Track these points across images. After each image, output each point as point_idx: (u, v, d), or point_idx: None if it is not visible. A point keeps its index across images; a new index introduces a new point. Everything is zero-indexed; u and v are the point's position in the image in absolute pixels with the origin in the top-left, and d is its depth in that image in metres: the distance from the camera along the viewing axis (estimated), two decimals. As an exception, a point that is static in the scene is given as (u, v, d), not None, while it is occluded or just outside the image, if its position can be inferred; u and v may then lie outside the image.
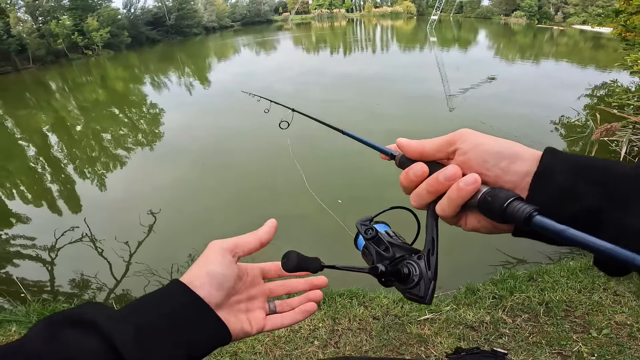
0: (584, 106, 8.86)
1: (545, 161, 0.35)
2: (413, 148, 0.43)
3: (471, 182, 0.36)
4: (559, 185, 0.34)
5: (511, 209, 0.33)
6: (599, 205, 0.32)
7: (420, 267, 0.40)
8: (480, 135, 0.40)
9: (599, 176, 0.33)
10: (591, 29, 20.76)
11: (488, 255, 3.62)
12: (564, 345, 1.90)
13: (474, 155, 0.38)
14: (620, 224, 0.31)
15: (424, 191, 0.40)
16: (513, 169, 0.37)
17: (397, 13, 61.54)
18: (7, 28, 26.61)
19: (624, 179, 0.32)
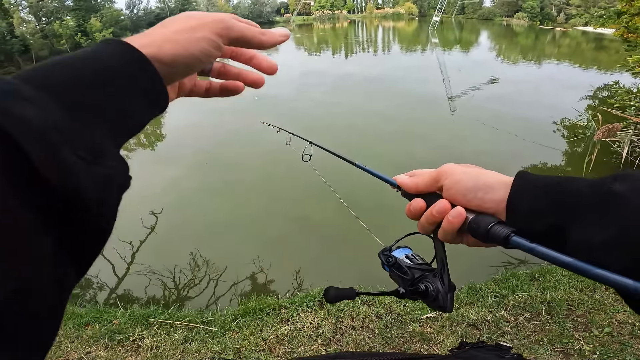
0: (586, 107, 8.86)
1: (515, 188, 0.42)
2: (409, 186, 0.51)
3: (457, 215, 0.45)
4: (526, 208, 0.40)
5: (492, 232, 0.41)
6: (560, 221, 0.37)
7: (436, 284, 0.49)
8: (457, 172, 0.47)
9: (559, 195, 0.38)
10: (593, 30, 20.75)
11: (490, 256, 3.63)
12: (566, 343, 1.92)
13: (455, 191, 0.46)
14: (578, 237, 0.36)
15: (425, 223, 0.49)
16: (489, 198, 0.44)
17: (399, 14, 61.58)
18: (10, 28, 26.79)
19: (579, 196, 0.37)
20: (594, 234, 0.34)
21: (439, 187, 0.48)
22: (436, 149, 6.85)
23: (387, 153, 6.82)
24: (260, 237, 4.53)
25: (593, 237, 0.34)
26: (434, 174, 0.48)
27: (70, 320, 2.46)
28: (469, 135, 7.54)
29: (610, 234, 0.33)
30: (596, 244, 0.34)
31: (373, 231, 4.40)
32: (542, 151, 6.42)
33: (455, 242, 0.48)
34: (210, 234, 4.81)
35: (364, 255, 3.32)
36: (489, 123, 7.85)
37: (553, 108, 8.86)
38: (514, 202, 0.41)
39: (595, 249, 0.34)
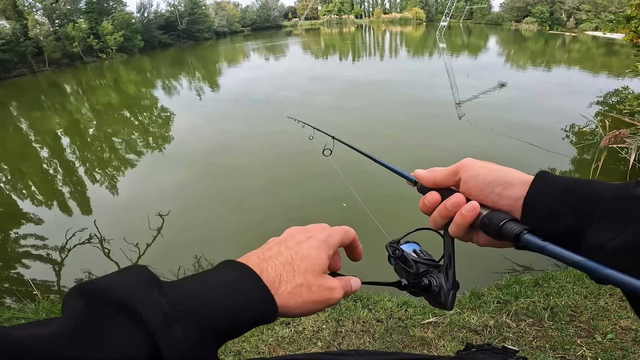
0: (595, 113, 8.76)
1: (534, 187, 0.41)
2: (427, 179, 0.51)
3: (470, 209, 0.44)
4: (544, 209, 0.40)
5: (505, 228, 0.40)
6: (577, 224, 0.37)
7: (440, 280, 0.48)
8: (477, 166, 0.47)
9: (579, 198, 0.38)
10: (603, 35, 20.58)
11: (494, 262, 3.60)
12: (568, 349, 1.89)
13: (472, 185, 0.46)
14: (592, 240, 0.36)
15: (437, 217, 0.48)
16: (506, 194, 0.43)
17: (406, 19, 61.62)
18: (24, 31, 27.32)
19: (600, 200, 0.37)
20: (609, 237, 0.34)
21: (457, 180, 0.48)
22: (442, 154, 6.81)
23: (392, 158, 6.81)
24: (265, 240, 4.54)
25: (608, 240, 0.34)
26: (453, 167, 0.49)
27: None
28: (476, 141, 7.50)
29: (628, 238, 0.33)
30: (612, 247, 0.34)
31: (383, 231, 4.40)
32: (550, 157, 6.36)
33: (465, 239, 0.48)
34: (216, 236, 4.83)
35: (369, 261, 3.31)
36: (496, 129, 7.80)
37: (562, 114, 8.77)
38: (532, 201, 0.41)
39: (609, 252, 0.34)
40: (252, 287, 0.36)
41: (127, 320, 0.28)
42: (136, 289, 0.30)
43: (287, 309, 0.39)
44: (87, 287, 0.30)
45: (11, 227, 5.72)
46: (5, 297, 3.89)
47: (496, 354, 0.73)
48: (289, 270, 0.40)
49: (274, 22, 63.28)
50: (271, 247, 0.44)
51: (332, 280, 0.43)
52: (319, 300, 0.41)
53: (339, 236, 0.47)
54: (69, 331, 0.27)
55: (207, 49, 38.70)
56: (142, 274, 0.32)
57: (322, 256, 0.44)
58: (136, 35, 34.88)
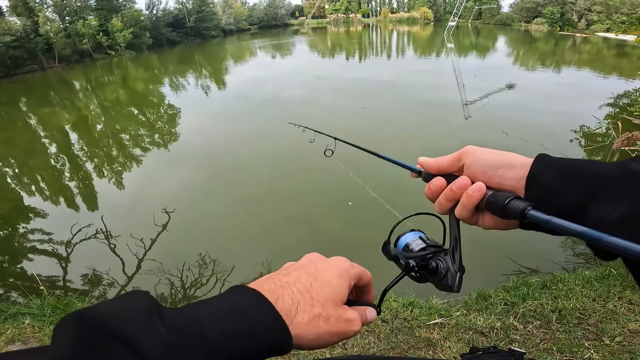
0: (606, 115, 8.65)
1: (534, 167, 0.43)
2: (431, 165, 0.53)
3: (477, 190, 0.45)
4: (545, 186, 0.41)
5: (510, 206, 0.42)
6: (579, 199, 0.39)
7: (447, 262, 0.47)
8: (479, 151, 0.48)
9: (578, 175, 0.40)
10: (615, 36, 20.27)
11: (501, 264, 3.58)
12: (575, 352, 1.87)
13: (476, 169, 0.47)
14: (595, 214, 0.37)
15: (443, 200, 0.50)
16: (509, 175, 0.45)
17: (414, 19, 61.29)
18: (35, 27, 27.59)
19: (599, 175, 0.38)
20: (611, 210, 0.36)
21: (460, 166, 0.50)
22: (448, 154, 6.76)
23: (398, 157, 6.77)
24: (269, 238, 4.55)
25: (610, 213, 0.36)
26: (456, 154, 0.50)
27: (77, 316, 2.50)
28: (483, 142, 7.33)
29: (627, 209, 0.35)
30: (613, 219, 0.35)
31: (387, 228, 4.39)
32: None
33: (471, 222, 0.49)
34: (221, 233, 4.85)
35: (372, 259, 3.29)
36: (504, 130, 7.73)
37: (571, 115, 8.68)
38: (533, 179, 0.42)
39: (612, 224, 0.35)
40: (263, 316, 0.34)
41: (123, 353, 0.26)
42: (134, 318, 0.28)
43: (302, 340, 0.37)
44: (81, 314, 0.28)
45: (18, 221, 5.79)
46: (11, 292, 3.93)
47: (503, 357, 0.72)
48: (307, 299, 0.39)
49: (281, 21, 63.29)
50: (289, 273, 0.42)
51: (350, 312, 0.42)
52: (336, 333, 0.40)
53: (359, 271, 0.46)
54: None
55: (215, 46, 38.85)
56: (142, 301, 0.30)
57: (344, 285, 0.42)
58: (145, 33, 35.08)
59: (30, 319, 2.48)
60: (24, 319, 2.49)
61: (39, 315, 2.54)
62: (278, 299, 0.36)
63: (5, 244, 5.22)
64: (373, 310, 0.46)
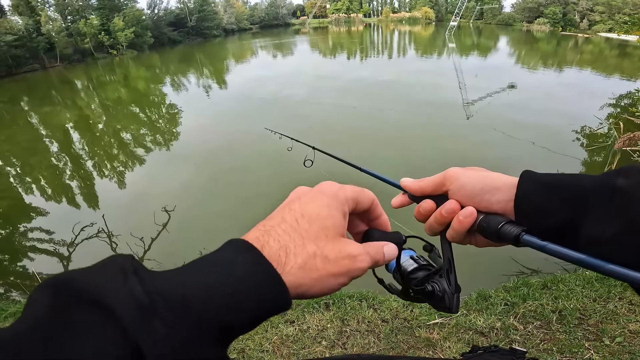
0: (607, 115, 8.63)
1: (521, 188, 0.42)
2: (414, 188, 0.51)
3: (468, 215, 0.44)
4: (534, 207, 0.41)
5: (503, 231, 0.41)
6: (569, 218, 0.38)
7: (442, 285, 0.47)
8: (462, 177, 0.46)
9: (564, 193, 0.39)
10: (617, 36, 20.22)
11: (501, 264, 3.57)
12: (575, 352, 1.87)
13: (461, 195, 0.46)
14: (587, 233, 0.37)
15: (434, 223, 0.48)
16: (496, 199, 0.44)
17: (415, 19, 61.25)
18: (37, 26, 27.65)
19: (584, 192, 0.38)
20: (602, 229, 0.35)
21: (444, 191, 0.48)
22: (450, 155, 6.76)
23: (399, 157, 6.78)
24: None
25: (602, 232, 0.35)
26: (438, 178, 0.48)
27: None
28: (485, 142, 7.42)
29: (618, 228, 0.34)
30: (605, 239, 0.35)
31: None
32: (561, 160, 6.27)
33: (464, 243, 0.48)
34: (220, 233, 4.85)
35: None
36: (505, 130, 7.71)
37: (573, 116, 8.65)
38: (521, 202, 0.42)
39: (605, 243, 0.35)
40: (251, 268, 0.30)
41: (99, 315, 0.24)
42: (110, 279, 0.26)
43: (301, 288, 0.32)
44: (54, 280, 0.26)
45: (19, 220, 5.80)
46: (11, 291, 3.94)
47: (504, 356, 0.71)
48: (296, 238, 0.33)
49: (282, 20, 63.31)
50: (273, 216, 0.36)
51: (353, 246, 0.35)
52: (339, 273, 0.34)
53: (351, 192, 0.39)
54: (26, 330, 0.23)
55: (216, 46, 38.88)
56: (118, 262, 0.27)
57: (335, 215, 0.36)
58: (146, 32, 35.15)
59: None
60: (25, 318, 2.49)
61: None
62: (264, 246, 0.32)
63: (6, 243, 5.23)
64: (393, 246, 0.40)
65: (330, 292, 0.34)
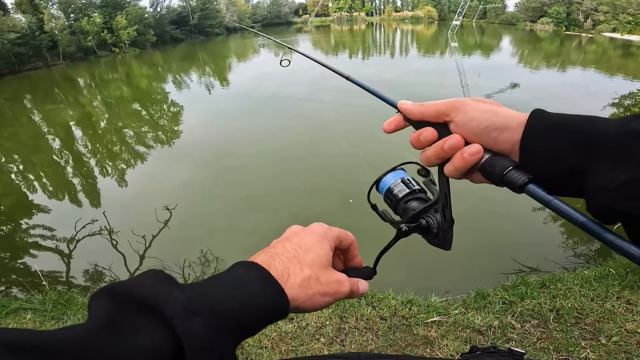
0: (610, 115, 8.60)
1: (529, 126, 0.39)
2: (414, 112, 0.47)
3: (474, 153, 0.42)
4: (544, 150, 0.38)
5: (508, 177, 0.39)
6: (580, 163, 0.35)
7: (437, 219, 0.46)
8: (471, 109, 0.43)
9: (580, 136, 0.36)
10: (621, 36, 20.14)
11: (500, 263, 3.58)
12: (572, 351, 1.87)
13: (466, 130, 0.43)
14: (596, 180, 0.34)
15: (432, 156, 0.45)
16: (503, 138, 0.41)
17: (418, 18, 61.07)
18: (40, 24, 27.69)
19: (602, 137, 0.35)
20: (613, 176, 0.33)
21: (447, 120, 0.44)
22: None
23: (400, 157, 6.77)
24: (271, 237, 4.55)
25: (612, 179, 0.33)
26: (443, 106, 0.44)
27: (79, 311, 2.50)
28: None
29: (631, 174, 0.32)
30: (613, 186, 0.32)
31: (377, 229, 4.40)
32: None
33: (459, 178, 0.45)
34: (222, 231, 4.87)
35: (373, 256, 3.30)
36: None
37: (574, 115, 8.62)
38: (528, 143, 0.39)
39: (612, 191, 0.32)
40: (261, 282, 0.37)
41: (150, 316, 0.30)
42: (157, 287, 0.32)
43: (297, 302, 0.39)
44: (112, 288, 0.32)
45: (22, 217, 5.83)
46: (12, 288, 3.96)
47: (503, 357, 0.72)
48: (296, 264, 0.41)
49: (285, 19, 63.24)
50: (275, 245, 0.45)
51: (338, 274, 0.44)
52: (328, 292, 0.42)
53: (337, 232, 0.48)
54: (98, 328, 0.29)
55: (218, 44, 38.87)
56: (161, 274, 0.35)
57: (325, 248, 0.44)
58: (149, 30, 35.13)
59: (32, 314, 2.49)
60: (26, 314, 2.49)
61: (41, 310, 2.54)
62: (270, 267, 0.39)
63: (8, 240, 5.26)
64: (365, 283, 0.48)
65: (319, 308, 0.42)
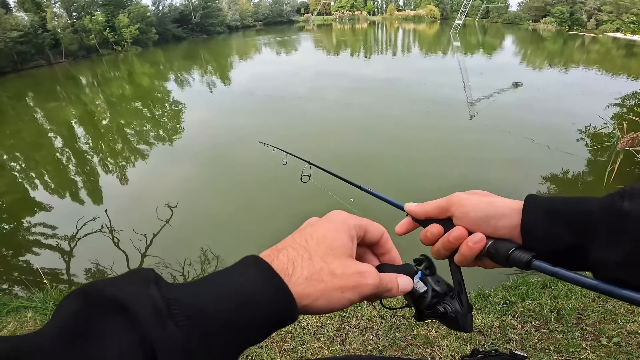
0: (613, 115, 8.57)
1: (527, 214, 0.43)
2: (419, 212, 0.51)
3: (477, 241, 0.45)
4: (541, 233, 0.41)
5: (513, 257, 0.42)
6: (574, 241, 0.39)
7: (455, 306, 0.48)
8: (467, 203, 0.46)
9: (570, 217, 0.40)
10: (624, 36, 20.06)
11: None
12: (572, 352, 1.87)
13: (467, 222, 0.46)
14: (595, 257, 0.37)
15: (441, 249, 0.48)
16: (502, 225, 0.44)
17: (420, 17, 60.91)
18: (42, 23, 27.75)
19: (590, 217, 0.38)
20: (609, 254, 0.36)
21: (449, 215, 0.48)
22: (454, 154, 6.73)
23: (402, 157, 6.76)
24: (271, 235, 4.56)
25: (609, 257, 0.36)
26: (443, 203, 0.48)
27: (80, 311, 2.51)
28: (488, 141, 7.39)
29: (625, 253, 0.35)
30: (613, 263, 0.35)
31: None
32: (564, 159, 6.25)
33: (472, 266, 0.48)
34: (223, 230, 4.87)
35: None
36: (509, 129, 7.68)
37: (577, 115, 8.59)
38: (528, 228, 0.42)
39: (613, 268, 0.35)
40: (260, 277, 0.32)
41: (121, 319, 0.26)
42: (130, 286, 0.28)
43: (307, 300, 0.34)
44: (82, 288, 0.28)
45: (23, 215, 5.85)
46: (14, 286, 3.97)
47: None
48: (304, 255, 0.36)
49: (286, 17, 63.18)
50: (285, 239, 0.40)
51: (360, 264, 0.38)
52: (346, 286, 0.35)
53: (360, 221, 0.42)
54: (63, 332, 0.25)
55: (220, 43, 38.87)
56: (142, 273, 0.30)
57: (343, 237, 0.39)
58: (151, 29, 35.17)
59: (33, 313, 2.48)
60: (26, 313, 2.49)
61: (41, 308, 2.53)
62: (273, 260, 0.35)
63: (10, 238, 5.28)
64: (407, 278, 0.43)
65: (338, 307, 0.36)
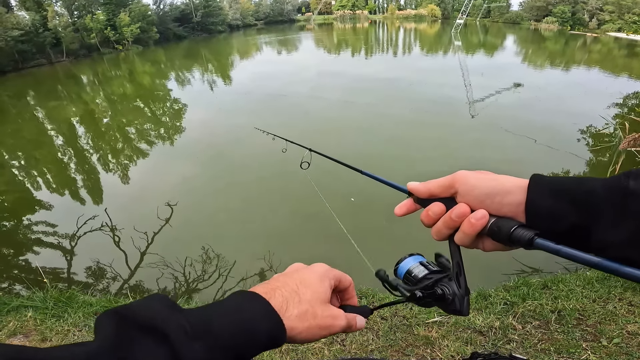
0: (614, 115, 8.55)
1: (532, 191, 0.42)
2: (422, 190, 0.51)
3: (480, 218, 0.44)
4: (546, 210, 0.41)
5: (516, 235, 0.41)
6: (580, 221, 0.39)
7: (452, 287, 0.48)
8: (472, 178, 0.47)
9: (575, 196, 0.39)
10: (626, 36, 19.99)
11: (502, 263, 3.56)
12: (573, 352, 1.86)
13: (471, 198, 0.46)
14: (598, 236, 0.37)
15: (442, 227, 0.48)
16: (507, 202, 0.44)
17: (421, 16, 60.79)
18: (43, 22, 27.75)
19: (595, 196, 0.38)
20: (613, 233, 0.36)
21: (452, 193, 0.48)
22: (454, 154, 6.73)
23: (403, 156, 6.76)
24: (271, 234, 4.56)
25: (613, 235, 0.36)
26: (447, 180, 0.48)
27: (80, 309, 2.49)
28: (489, 141, 7.38)
29: (630, 232, 0.35)
30: (617, 242, 0.35)
31: (381, 235, 4.36)
32: (565, 159, 6.23)
33: (471, 247, 0.48)
34: (223, 229, 4.87)
35: (374, 252, 3.30)
36: (510, 129, 7.66)
37: (579, 115, 8.57)
38: (533, 205, 0.42)
39: (616, 247, 0.35)
40: (262, 312, 0.41)
41: (153, 339, 0.33)
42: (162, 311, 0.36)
43: (294, 332, 0.42)
44: (117, 310, 0.35)
45: (24, 213, 5.85)
46: (14, 285, 3.97)
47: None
48: (295, 298, 0.44)
49: (287, 16, 63.10)
50: (277, 279, 0.48)
51: (335, 310, 0.48)
52: (323, 326, 0.45)
53: (337, 273, 0.52)
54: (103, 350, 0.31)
55: (221, 41, 38.85)
56: (165, 300, 0.38)
57: (324, 286, 0.48)
58: (152, 27, 35.15)
59: (33, 312, 2.48)
60: (27, 312, 2.48)
61: (42, 308, 2.53)
62: (271, 299, 0.43)
63: (10, 237, 5.28)
64: (362, 319, 0.52)
65: (315, 340, 0.46)
